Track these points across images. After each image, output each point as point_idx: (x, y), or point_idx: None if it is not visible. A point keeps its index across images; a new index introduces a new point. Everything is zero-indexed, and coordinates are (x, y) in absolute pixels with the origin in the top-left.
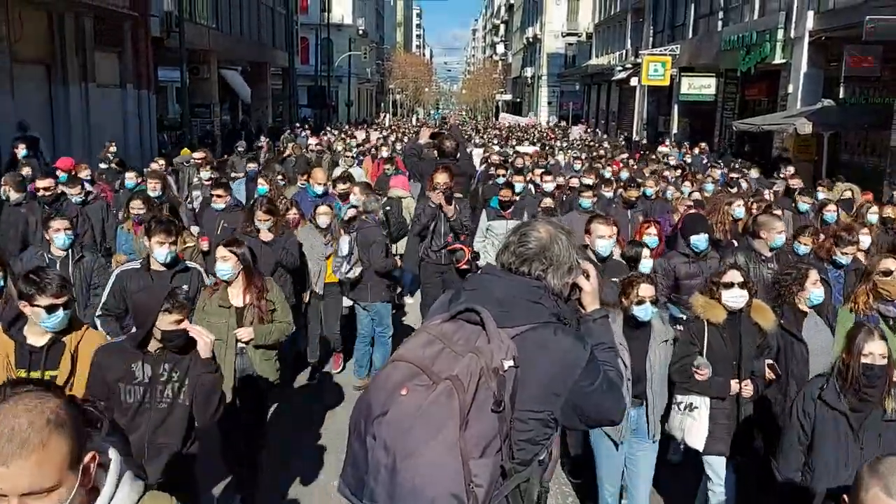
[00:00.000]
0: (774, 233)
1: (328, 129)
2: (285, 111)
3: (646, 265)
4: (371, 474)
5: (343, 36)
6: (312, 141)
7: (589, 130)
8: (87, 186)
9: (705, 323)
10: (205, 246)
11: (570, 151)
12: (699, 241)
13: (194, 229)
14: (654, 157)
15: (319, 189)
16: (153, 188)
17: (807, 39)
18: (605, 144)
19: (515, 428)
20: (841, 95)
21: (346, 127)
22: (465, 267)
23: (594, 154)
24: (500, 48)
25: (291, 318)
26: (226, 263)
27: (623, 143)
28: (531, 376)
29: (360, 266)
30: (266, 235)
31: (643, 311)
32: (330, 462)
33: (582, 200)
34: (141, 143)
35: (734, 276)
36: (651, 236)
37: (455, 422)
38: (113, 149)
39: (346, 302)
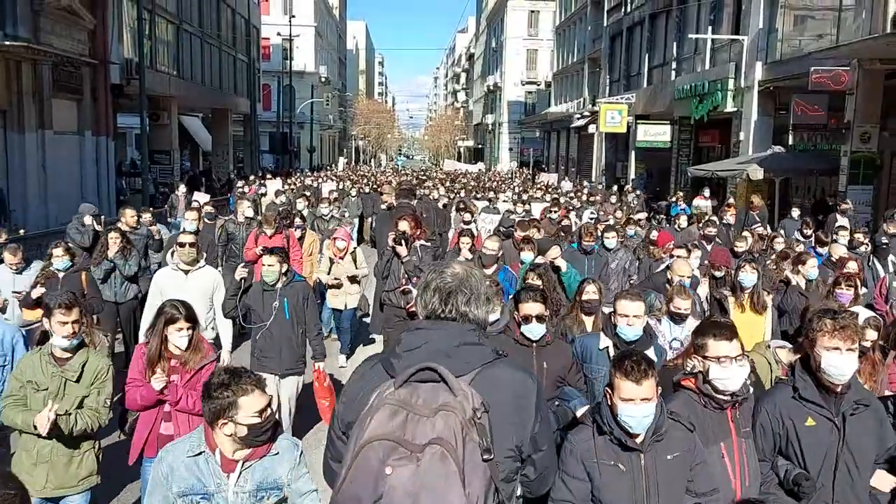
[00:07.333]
0: None
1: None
2: (246, 157)
3: None
4: None
5: (305, 83)
6: (199, 197)
7: (578, 183)
8: None
9: None
10: None
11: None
12: None
13: None
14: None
15: None
16: None
17: (756, 89)
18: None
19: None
20: (790, 142)
21: (259, 174)
22: (414, 310)
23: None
24: (462, 95)
25: None
26: None
27: (604, 188)
28: (493, 415)
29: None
30: None
31: None
32: None
33: None
34: (98, 189)
35: None
36: None
37: (458, 484)
38: None
39: None
